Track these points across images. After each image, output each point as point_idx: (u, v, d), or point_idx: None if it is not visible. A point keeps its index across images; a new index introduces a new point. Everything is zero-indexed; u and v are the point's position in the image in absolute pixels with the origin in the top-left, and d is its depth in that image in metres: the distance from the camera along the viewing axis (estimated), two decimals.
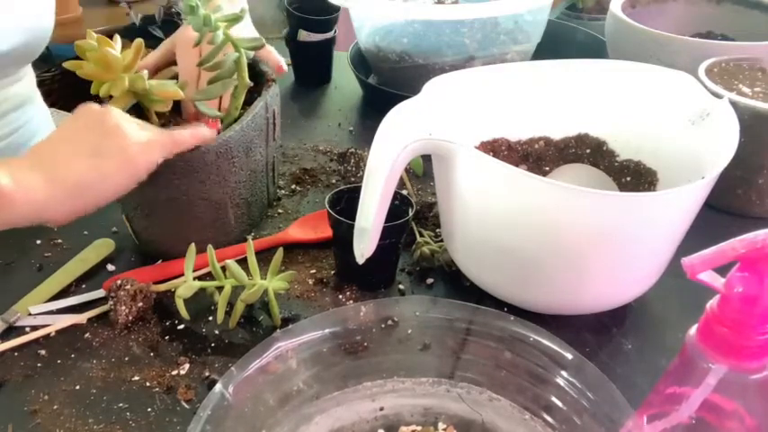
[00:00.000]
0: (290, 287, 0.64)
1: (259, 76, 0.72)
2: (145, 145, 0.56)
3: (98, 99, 0.61)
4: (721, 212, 0.73)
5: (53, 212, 0.53)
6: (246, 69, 0.66)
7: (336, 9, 1.00)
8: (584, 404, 0.47)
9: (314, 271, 0.68)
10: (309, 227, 0.72)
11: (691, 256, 0.37)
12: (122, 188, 0.56)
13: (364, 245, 0.56)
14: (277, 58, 0.74)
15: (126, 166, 0.55)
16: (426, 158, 0.61)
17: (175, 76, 0.72)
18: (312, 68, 1.08)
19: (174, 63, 0.72)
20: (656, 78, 0.67)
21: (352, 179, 0.79)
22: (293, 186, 0.81)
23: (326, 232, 0.67)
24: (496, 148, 0.68)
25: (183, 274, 0.60)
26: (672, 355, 0.43)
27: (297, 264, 0.69)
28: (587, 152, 0.70)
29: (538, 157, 0.70)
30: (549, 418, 0.49)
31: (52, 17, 0.76)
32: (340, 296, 0.65)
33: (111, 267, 0.68)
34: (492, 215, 0.56)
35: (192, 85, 0.68)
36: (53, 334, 0.60)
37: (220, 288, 0.60)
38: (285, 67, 0.74)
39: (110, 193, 0.55)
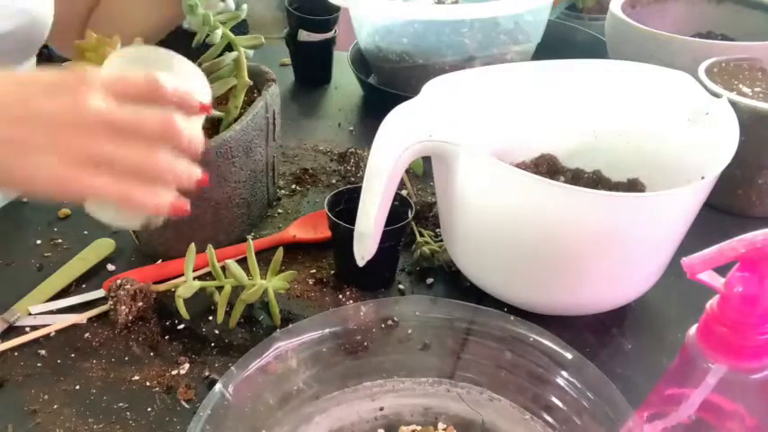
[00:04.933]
0: (290, 287, 0.64)
1: (259, 76, 0.72)
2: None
3: None
4: (721, 212, 0.73)
5: None
6: (246, 69, 0.66)
7: (336, 9, 1.00)
8: (584, 404, 0.47)
9: (314, 271, 0.68)
10: (309, 227, 0.72)
11: (690, 256, 0.37)
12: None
13: (364, 248, 0.56)
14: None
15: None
16: (426, 158, 0.61)
17: None
18: (312, 68, 1.08)
19: None
20: (656, 78, 0.67)
21: (352, 179, 0.79)
22: (293, 186, 0.81)
23: (326, 232, 0.67)
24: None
25: (183, 274, 0.60)
26: (672, 355, 0.43)
27: (297, 264, 0.69)
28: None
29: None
30: (549, 418, 0.49)
31: (51, 2, 0.76)
32: (340, 296, 0.65)
33: (111, 267, 0.68)
34: (492, 215, 0.56)
35: None
36: (53, 334, 0.60)
37: (220, 288, 0.60)
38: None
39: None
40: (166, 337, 0.60)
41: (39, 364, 0.57)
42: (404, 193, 0.70)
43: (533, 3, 0.89)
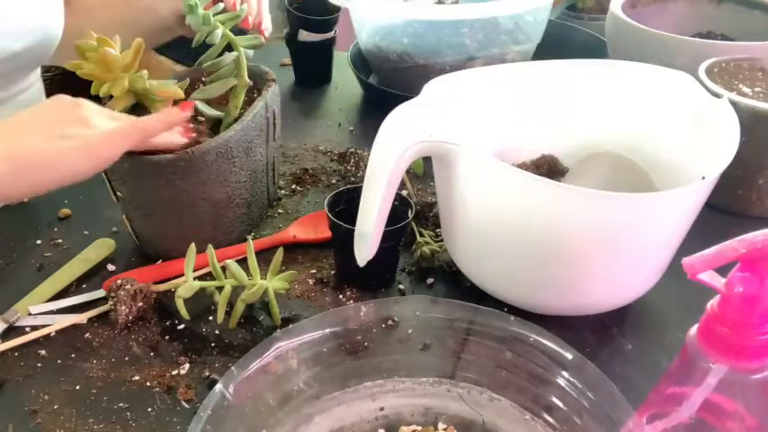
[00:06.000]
0: (290, 287, 0.64)
1: (260, 76, 0.72)
2: (108, 136, 0.55)
3: (98, 99, 0.61)
4: (721, 212, 0.73)
5: (5, 188, 0.52)
6: (246, 68, 0.66)
7: (336, 9, 1.00)
8: (584, 404, 0.47)
9: (314, 271, 0.68)
10: (309, 227, 0.72)
11: (691, 256, 0.37)
12: (80, 175, 0.55)
13: (365, 249, 0.56)
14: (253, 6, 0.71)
15: (86, 154, 0.54)
16: (426, 158, 0.61)
17: (176, 76, 0.72)
18: (312, 68, 1.08)
19: None
20: (656, 78, 0.67)
21: (353, 179, 0.79)
22: (293, 186, 0.81)
23: (326, 232, 0.67)
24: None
25: (183, 274, 0.60)
26: (672, 355, 0.43)
27: (297, 264, 0.69)
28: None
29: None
30: (549, 419, 0.49)
31: (62, 16, 0.76)
32: (340, 296, 0.65)
33: (111, 267, 0.68)
34: (493, 216, 0.56)
35: None
36: (53, 334, 0.60)
37: (220, 288, 0.60)
38: (269, 27, 0.73)
39: (66, 177, 0.54)
40: (166, 337, 0.60)
41: (39, 364, 0.57)
42: (404, 193, 0.70)
43: (533, 3, 0.89)
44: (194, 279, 0.60)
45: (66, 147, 0.53)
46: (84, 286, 0.65)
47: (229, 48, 0.66)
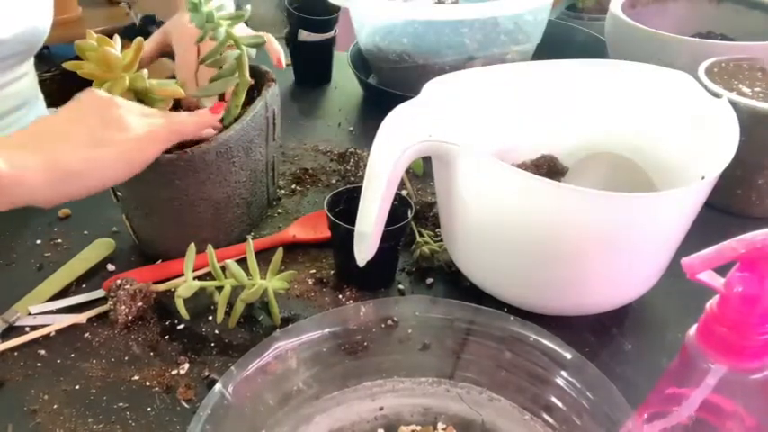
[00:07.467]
0: (290, 287, 0.64)
1: (260, 76, 0.72)
2: (145, 139, 0.55)
3: None
4: (721, 212, 0.73)
5: (44, 196, 0.52)
6: (247, 67, 0.66)
7: (336, 9, 1.00)
8: (583, 404, 0.47)
9: (314, 271, 0.68)
10: (309, 227, 0.72)
11: (690, 256, 0.37)
12: (117, 179, 0.55)
13: (365, 248, 0.56)
14: (277, 48, 0.73)
15: (121, 161, 0.54)
16: (426, 158, 0.61)
17: (173, 75, 0.72)
18: (312, 68, 1.08)
19: (168, 53, 0.72)
20: (656, 78, 0.67)
21: (352, 179, 0.79)
22: (293, 186, 0.81)
23: (326, 232, 0.67)
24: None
25: (182, 274, 0.60)
26: (672, 355, 0.43)
27: (297, 264, 0.69)
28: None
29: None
30: (548, 418, 0.49)
31: (51, 5, 0.77)
32: (340, 296, 0.65)
33: (111, 267, 0.68)
34: (492, 215, 0.56)
35: (191, 76, 0.68)
36: (53, 334, 0.60)
37: (220, 288, 0.60)
38: (284, 61, 0.74)
39: (103, 182, 0.55)
40: (166, 337, 0.60)
41: (39, 364, 0.57)
42: (404, 193, 0.70)
43: (533, 3, 0.89)
44: (194, 279, 0.60)
45: (103, 155, 0.53)
46: (83, 286, 0.65)
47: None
